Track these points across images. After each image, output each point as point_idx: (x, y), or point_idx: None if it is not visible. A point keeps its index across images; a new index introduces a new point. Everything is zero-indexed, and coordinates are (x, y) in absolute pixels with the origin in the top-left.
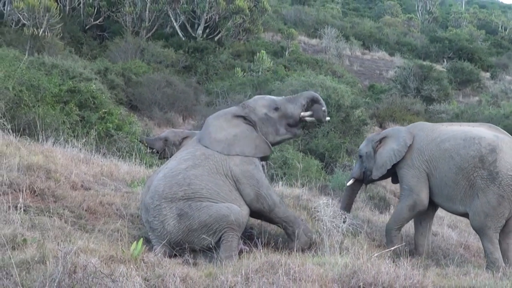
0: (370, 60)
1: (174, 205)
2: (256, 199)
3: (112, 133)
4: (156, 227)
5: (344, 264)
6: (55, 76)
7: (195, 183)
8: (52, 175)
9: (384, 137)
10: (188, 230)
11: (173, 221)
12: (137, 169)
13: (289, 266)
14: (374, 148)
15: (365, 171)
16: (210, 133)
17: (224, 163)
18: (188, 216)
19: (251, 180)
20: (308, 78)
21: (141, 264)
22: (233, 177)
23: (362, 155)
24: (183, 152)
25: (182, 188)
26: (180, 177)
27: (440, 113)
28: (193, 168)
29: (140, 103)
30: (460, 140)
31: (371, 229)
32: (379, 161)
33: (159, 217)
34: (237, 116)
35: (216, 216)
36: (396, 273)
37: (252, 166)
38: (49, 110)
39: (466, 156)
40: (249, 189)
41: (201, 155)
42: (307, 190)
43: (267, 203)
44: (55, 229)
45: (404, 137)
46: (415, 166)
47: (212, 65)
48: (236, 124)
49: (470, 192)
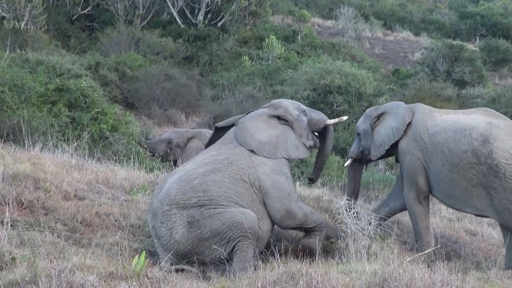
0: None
1: (185, 212)
2: (286, 215)
3: (107, 135)
4: (163, 235)
5: (372, 271)
6: (41, 74)
7: (212, 189)
8: (41, 184)
9: (383, 113)
10: (198, 239)
11: (182, 230)
12: (136, 174)
13: (311, 276)
14: (372, 125)
15: (363, 150)
16: (253, 135)
17: (251, 170)
18: (199, 224)
19: (282, 193)
20: (325, 65)
21: (144, 281)
22: (261, 188)
23: (359, 132)
24: (205, 155)
25: (197, 194)
26: (196, 182)
27: (474, 98)
28: (213, 173)
29: (137, 100)
30: (450, 133)
31: (401, 230)
32: (377, 140)
33: (167, 223)
34: (273, 116)
35: (230, 224)
36: (431, 279)
37: (283, 177)
38: (35, 112)
39: (457, 152)
40: (279, 204)
41: (223, 160)
42: (328, 190)
43: (299, 218)
44: (46, 245)
45: (403, 114)
46: (410, 152)
47: (216, 54)
48: (273, 125)
49: (478, 192)
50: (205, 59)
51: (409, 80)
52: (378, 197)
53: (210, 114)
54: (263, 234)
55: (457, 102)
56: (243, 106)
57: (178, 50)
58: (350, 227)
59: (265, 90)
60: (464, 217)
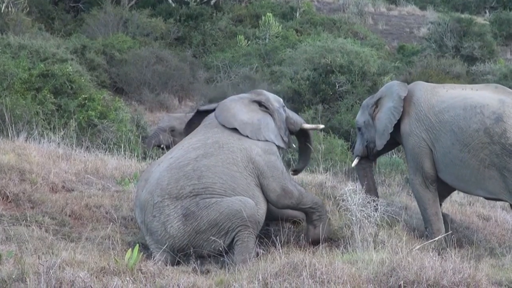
0: (397, 17)
1: (180, 203)
2: (283, 194)
3: (95, 122)
4: (156, 230)
5: (380, 260)
6: (24, 59)
7: (207, 176)
8: (27, 176)
9: (379, 99)
10: (196, 232)
11: (177, 223)
12: (127, 163)
13: (315, 267)
14: (371, 114)
15: (367, 144)
16: (235, 115)
17: (243, 153)
18: (195, 216)
19: (276, 172)
20: (325, 43)
21: (138, 275)
22: (256, 170)
23: (360, 126)
24: (191, 140)
25: (191, 182)
26: (189, 169)
27: (485, 75)
28: (205, 158)
29: (126, 85)
30: (460, 110)
31: (409, 217)
32: (379, 127)
33: (160, 217)
34: (254, 101)
35: (228, 213)
36: (442, 268)
37: (274, 156)
38: (18, 100)
39: (468, 130)
40: (275, 183)
41: (214, 144)
42: (331, 175)
43: (295, 196)
44: (34, 240)
45: (397, 90)
46: (414, 134)
47: (210, 34)
48: (254, 109)
49: (491, 173)
50: (198, 39)
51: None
52: (385, 182)
53: (204, 98)
54: (260, 219)
55: (467, 79)
56: (239, 88)
57: (169, 30)
58: (355, 214)
59: (262, 71)
60: (476, 201)
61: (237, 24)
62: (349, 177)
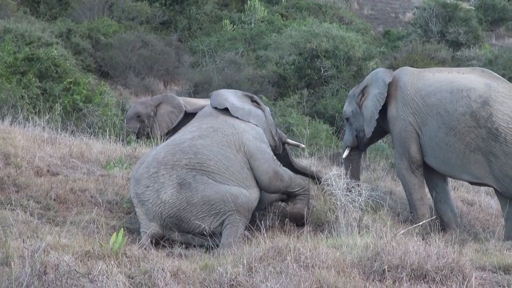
0: (383, 2)
1: (175, 172)
2: (275, 176)
3: (81, 106)
4: (148, 198)
5: (364, 245)
6: (8, 43)
7: (203, 152)
8: (12, 160)
9: (365, 87)
10: (187, 203)
11: (171, 190)
12: (112, 148)
13: (299, 251)
14: (358, 103)
15: (357, 133)
16: (227, 98)
17: (236, 137)
18: (190, 187)
19: (267, 156)
20: (311, 28)
21: (123, 259)
22: (246, 153)
23: (348, 116)
24: (187, 128)
25: (187, 156)
26: (185, 145)
27: (470, 60)
28: (201, 139)
29: (112, 69)
30: (446, 94)
31: (394, 202)
32: (366, 114)
33: (154, 185)
34: (247, 95)
35: (223, 195)
36: (426, 252)
37: (265, 144)
38: (3, 84)
39: (455, 114)
40: (265, 165)
41: (208, 128)
42: (316, 160)
43: (285, 179)
44: (19, 224)
45: (382, 76)
46: (401, 118)
47: (195, 18)
48: (246, 102)
49: (476, 157)
50: (184, 23)
51: (401, 42)
52: (370, 166)
53: (190, 82)
54: (252, 206)
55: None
56: (224, 73)
57: (155, 14)
58: (340, 198)
59: (248, 55)
60: (460, 186)
61: (223, 8)
62: (334, 162)
